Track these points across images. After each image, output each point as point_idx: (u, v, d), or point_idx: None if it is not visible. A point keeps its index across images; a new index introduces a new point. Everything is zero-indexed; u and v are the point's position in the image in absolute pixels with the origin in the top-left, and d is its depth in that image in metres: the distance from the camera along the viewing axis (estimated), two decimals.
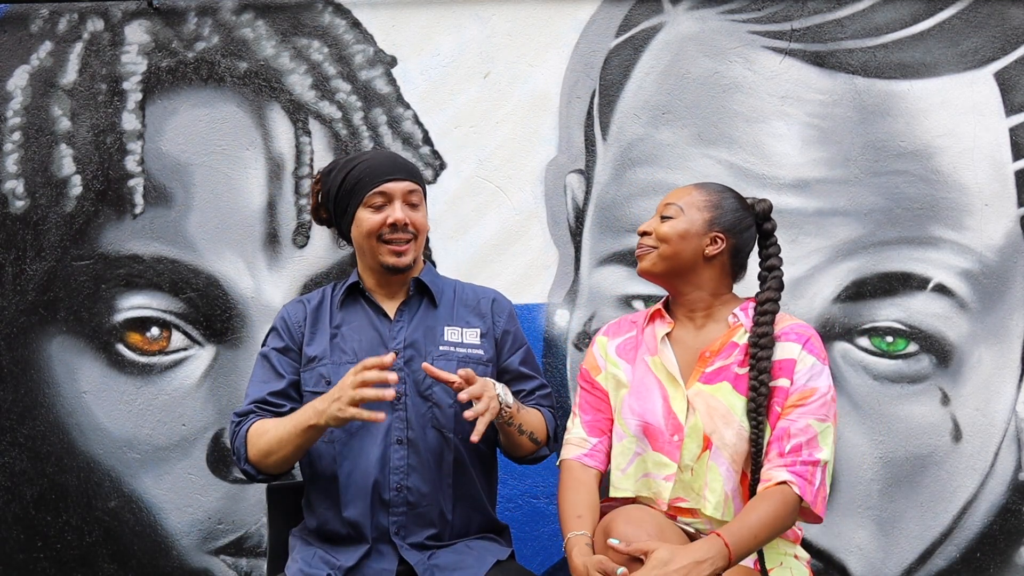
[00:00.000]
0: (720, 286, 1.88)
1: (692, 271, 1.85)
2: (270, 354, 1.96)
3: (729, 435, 1.77)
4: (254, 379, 1.96)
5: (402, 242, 1.90)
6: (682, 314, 1.90)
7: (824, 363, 1.79)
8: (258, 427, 1.86)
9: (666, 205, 1.87)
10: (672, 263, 1.84)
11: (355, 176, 1.92)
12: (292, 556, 1.89)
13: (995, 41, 2.53)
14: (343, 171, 1.94)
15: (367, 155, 1.98)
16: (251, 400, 1.92)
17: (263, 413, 1.90)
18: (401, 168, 1.95)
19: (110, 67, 2.65)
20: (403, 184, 1.92)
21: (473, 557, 1.85)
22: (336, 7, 2.63)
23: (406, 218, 1.90)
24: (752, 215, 1.90)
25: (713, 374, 1.81)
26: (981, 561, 2.54)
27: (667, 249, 1.84)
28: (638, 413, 1.83)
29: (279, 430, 1.81)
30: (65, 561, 2.65)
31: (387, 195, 1.91)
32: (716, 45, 2.57)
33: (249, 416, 1.90)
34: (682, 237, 1.83)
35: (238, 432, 1.88)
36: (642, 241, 1.88)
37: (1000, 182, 2.52)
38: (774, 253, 1.90)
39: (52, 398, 2.65)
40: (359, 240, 1.94)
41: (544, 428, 1.96)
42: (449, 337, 1.94)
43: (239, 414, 1.91)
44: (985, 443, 2.53)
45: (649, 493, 1.82)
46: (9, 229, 2.65)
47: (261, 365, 1.97)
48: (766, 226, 1.91)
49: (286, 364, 1.94)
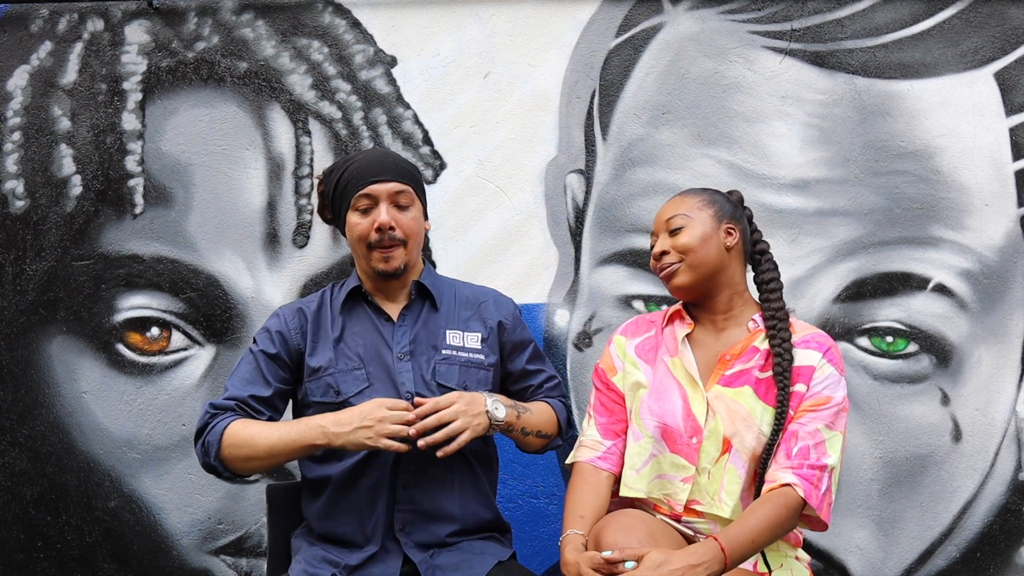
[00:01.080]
0: (741, 278, 1.89)
1: (721, 270, 1.85)
2: (259, 356, 1.92)
3: (749, 438, 1.77)
4: (238, 374, 1.92)
5: (388, 246, 1.88)
6: (704, 316, 1.90)
7: (842, 375, 1.80)
8: (239, 429, 1.82)
9: (669, 220, 1.86)
10: (703, 269, 1.83)
11: (345, 178, 1.90)
12: (296, 557, 1.89)
13: (995, 41, 2.53)
14: (338, 172, 1.93)
15: (359, 156, 1.96)
16: (231, 396, 1.88)
17: (241, 414, 1.87)
18: (388, 168, 1.90)
19: (110, 67, 2.65)
20: (388, 185, 1.88)
21: (475, 557, 1.85)
22: (336, 7, 2.63)
23: (391, 221, 1.86)
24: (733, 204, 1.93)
25: (733, 377, 1.81)
26: (981, 561, 2.54)
27: (694, 257, 1.83)
28: (657, 414, 1.82)
29: (270, 439, 1.79)
30: (65, 561, 2.65)
31: (372, 197, 1.88)
32: (716, 45, 2.57)
33: (226, 412, 1.86)
34: (703, 240, 1.83)
35: (212, 425, 1.84)
36: (663, 262, 1.86)
37: (1000, 182, 2.52)
38: (759, 238, 1.93)
39: (52, 398, 2.65)
40: (352, 245, 1.93)
41: (554, 421, 1.96)
42: (451, 341, 1.93)
43: (216, 406, 1.87)
44: (985, 443, 2.53)
45: (662, 494, 1.81)
46: (9, 229, 2.65)
47: (248, 363, 1.92)
48: (745, 213, 1.94)
49: (274, 372, 1.91)
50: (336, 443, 1.75)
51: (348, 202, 1.89)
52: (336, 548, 1.86)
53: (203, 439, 1.85)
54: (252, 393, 1.88)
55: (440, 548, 1.86)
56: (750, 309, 1.88)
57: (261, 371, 1.91)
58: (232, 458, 1.82)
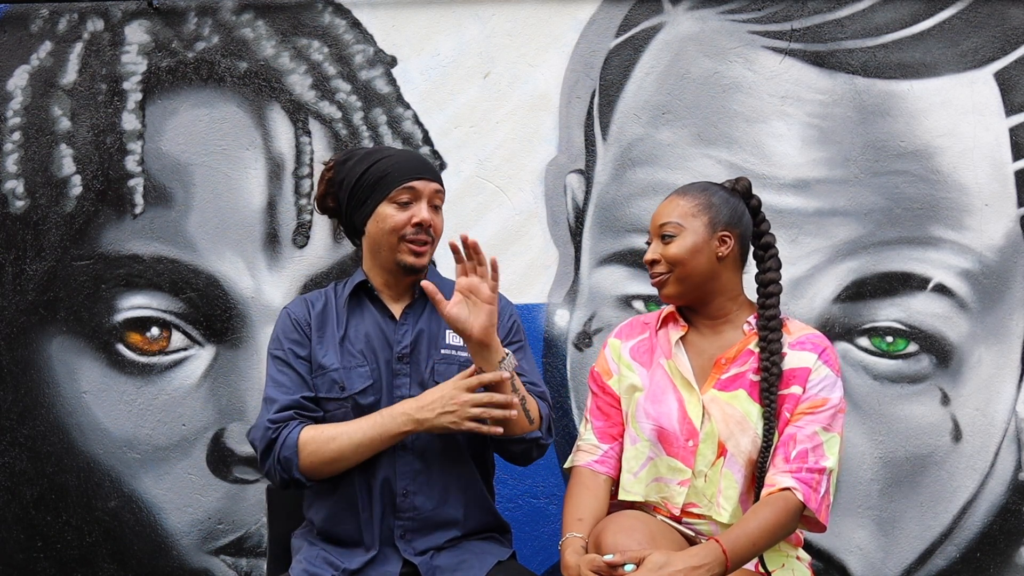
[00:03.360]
0: (736, 284, 1.86)
1: (712, 279, 1.81)
2: (289, 357, 1.89)
3: (745, 442, 1.76)
4: (276, 383, 1.88)
5: (422, 243, 1.88)
6: (697, 319, 1.87)
7: (838, 375, 1.78)
8: (314, 433, 1.80)
9: (661, 226, 1.83)
10: (692, 280, 1.81)
11: (381, 169, 1.88)
12: (296, 557, 1.89)
13: (995, 41, 2.53)
14: (365, 162, 1.90)
15: (393, 151, 1.95)
16: (285, 406, 1.83)
17: (304, 419, 1.84)
18: (429, 168, 1.93)
19: (110, 67, 2.65)
20: (432, 184, 1.89)
21: (474, 557, 1.85)
22: (336, 7, 2.63)
23: (431, 219, 1.88)
24: (739, 197, 1.87)
25: (728, 381, 1.80)
26: (981, 561, 2.54)
27: (682, 270, 1.80)
28: (653, 417, 1.82)
29: (355, 436, 1.78)
30: (65, 561, 2.65)
31: (415, 192, 1.87)
32: (716, 45, 2.57)
33: (289, 423, 1.82)
34: (693, 252, 1.79)
35: (283, 439, 1.80)
36: (653, 270, 1.84)
37: (1000, 182, 2.52)
38: (766, 230, 1.88)
39: (52, 398, 2.65)
40: (377, 236, 1.89)
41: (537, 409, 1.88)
42: (451, 341, 1.92)
43: (275, 421, 1.82)
44: (985, 443, 2.53)
45: (659, 498, 1.81)
46: (9, 229, 2.65)
47: (281, 369, 1.89)
48: (752, 203, 1.88)
49: (307, 369, 1.89)
50: (423, 428, 1.76)
51: (385, 193, 1.87)
52: (337, 550, 1.86)
53: (275, 457, 1.80)
54: (303, 395, 1.86)
55: (439, 550, 1.86)
56: (745, 311, 1.86)
57: (298, 372, 1.88)
58: (314, 465, 1.79)
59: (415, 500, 1.86)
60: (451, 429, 1.75)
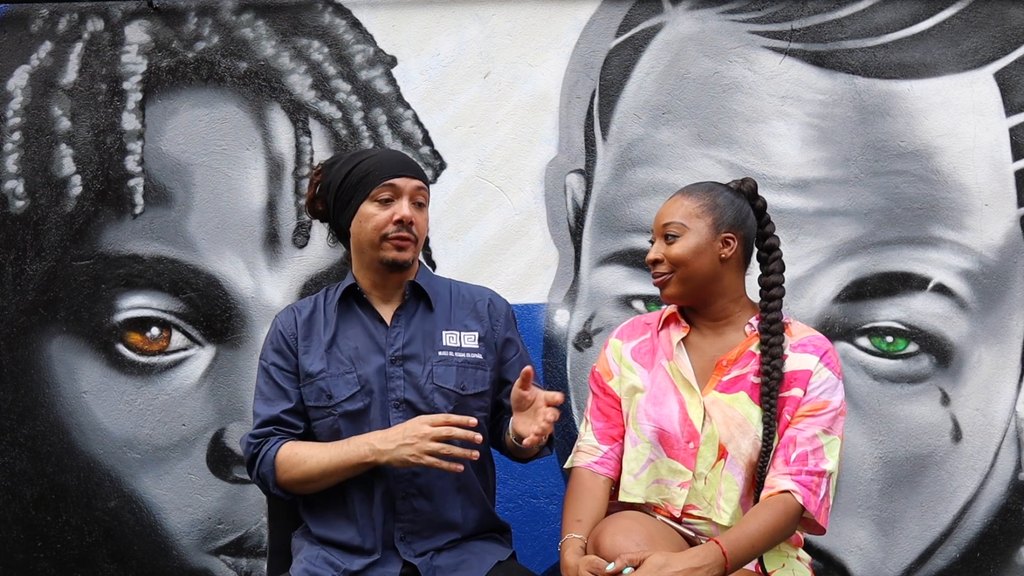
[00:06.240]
0: (738, 286, 1.85)
1: (714, 280, 1.81)
2: (272, 370, 1.92)
3: (745, 445, 1.75)
4: (262, 396, 1.92)
5: (404, 239, 1.87)
6: (699, 320, 1.87)
7: (839, 378, 1.78)
8: (289, 453, 1.83)
9: (665, 225, 1.82)
10: (694, 281, 1.80)
11: (363, 169, 1.89)
12: (297, 557, 1.89)
13: (995, 41, 2.53)
14: (349, 164, 1.91)
15: (376, 151, 1.97)
16: (265, 421, 1.88)
17: (284, 435, 1.88)
18: (411, 166, 1.93)
19: (110, 67, 2.65)
20: (413, 182, 1.90)
21: (474, 557, 1.85)
22: (336, 7, 2.63)
23: (412, 216, 1.88)
24: (744, 198, 1.87)
25: (730, 383, 1.80)
26: (981, 561, 2.54)
27: (684, 271, 1.79)
28: (654, 419, 1.81)
29: (322, 460, 1.80)
30: (65, 561, 2.66)
31: (396, 189, 1.88)
32: (716, 45, 2.57)
33: (269, 439, 1.87)
34: (696, 253, 1.79)
35: (262, 455, 1.85)
36: (656, 270, 1.83)
37: (1000, 182, 2.52)
38: (771, 232, 1.87)
39: (52, 398, 2.65)
40: (360, 235, 1.90)
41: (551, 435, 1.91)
42: (448, 342, 1.92)
43: (256, 436, 1.88)
44: (985, 443, 2.53)
45: (659, 499, 1.81)
46: (9, 229, 2.65)
47: (265, 381, 1.93)
48: (757, 204, 1.88)
49: (289, 381, 1.91)
50: (382, 460, 1.77)
51: (366, 192, 1.88)
52: (337, 551, 1.86)
53: (256, 471, 1.87)
54: (283, 409, 1.89)
55: (439, 551, 1.86)
56: (747, 313, 1.86)
57: (279, 385, 1.91)
58: (289, 484, 1.84)
59: (415, 502, 1.86)
60: (411, 462, 1.75)
